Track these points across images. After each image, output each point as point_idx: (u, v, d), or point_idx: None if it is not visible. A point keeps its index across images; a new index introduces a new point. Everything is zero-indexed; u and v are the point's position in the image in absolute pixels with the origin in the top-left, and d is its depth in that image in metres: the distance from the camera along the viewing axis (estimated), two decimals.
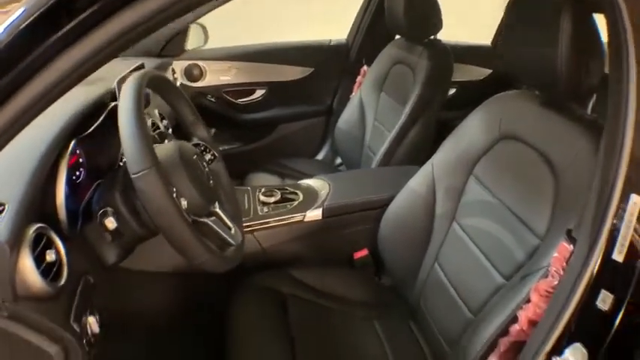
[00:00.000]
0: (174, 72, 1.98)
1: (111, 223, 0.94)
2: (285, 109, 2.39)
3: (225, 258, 0.98)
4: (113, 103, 1.22)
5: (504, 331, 0.84)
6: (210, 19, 2.01)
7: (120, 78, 1.34)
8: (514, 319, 0.82)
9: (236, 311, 1.26)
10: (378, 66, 2.04)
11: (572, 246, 0.75)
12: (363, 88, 2.10)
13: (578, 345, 0.70)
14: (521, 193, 1.01)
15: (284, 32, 2.66)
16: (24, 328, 0.72)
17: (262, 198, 1.48)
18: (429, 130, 1.80)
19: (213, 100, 2.26)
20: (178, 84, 2.01)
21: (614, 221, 0.67)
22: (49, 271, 0.77)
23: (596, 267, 0.69)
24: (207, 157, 1.19)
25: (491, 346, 0.85)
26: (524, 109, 1.06)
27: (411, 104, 1.74)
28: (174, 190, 0.93)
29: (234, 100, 2.31)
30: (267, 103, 2.35)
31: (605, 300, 0.68)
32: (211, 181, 1.06)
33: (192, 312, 1.40)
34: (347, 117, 2.15)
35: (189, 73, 2.14)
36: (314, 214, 1.44)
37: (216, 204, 1.10)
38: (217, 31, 2.28)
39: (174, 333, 1.39)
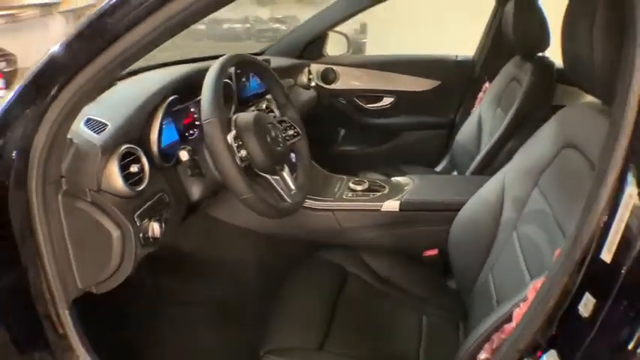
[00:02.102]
0: (310, 73, 2.13)
1: (184, 156, 1.11)
2: (410, 117, 2.39)
3: (274, 207, 1.10)
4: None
5: (498, 328, 0.75)
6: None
7: None
8: (510, 317, 0.73)
9: (297, 274, 1.32)
10: (497, 83, 1.94)
11: None
12: (483, 104, 2.00)
13: (553, 352, 0.60)
14: (567, 202, 0.88)
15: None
16: (99, 212, 0.90)
17: (351, 185, 1.54)
18: None
19: (344, 102, 2.37)
20: (313, 84, 2.15)
21: (606, 217, 0.56)
22: (130, 178, 0.95)
23: (584, 266, 0.58)
24: (290, 132, 1.29)
25: (485, 341, 0.77)
26: (584, 117, 0.94)
27: (509, 117, 1.62)
28: (240, 142, 1.08)
29: (363, 105, 2.38)
30: (394, 111, 2.38)
31: (587, 305, 0.57)
32: (280, 147, 1.16)
33: (260, 273, 1.50)
34: (465, 131, 2.07)
35: (324, 76, 2.29)
36: (391, 206, 1.44)
37: (285, 168, 1.20)
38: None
39: (238, 283, 1.50)
